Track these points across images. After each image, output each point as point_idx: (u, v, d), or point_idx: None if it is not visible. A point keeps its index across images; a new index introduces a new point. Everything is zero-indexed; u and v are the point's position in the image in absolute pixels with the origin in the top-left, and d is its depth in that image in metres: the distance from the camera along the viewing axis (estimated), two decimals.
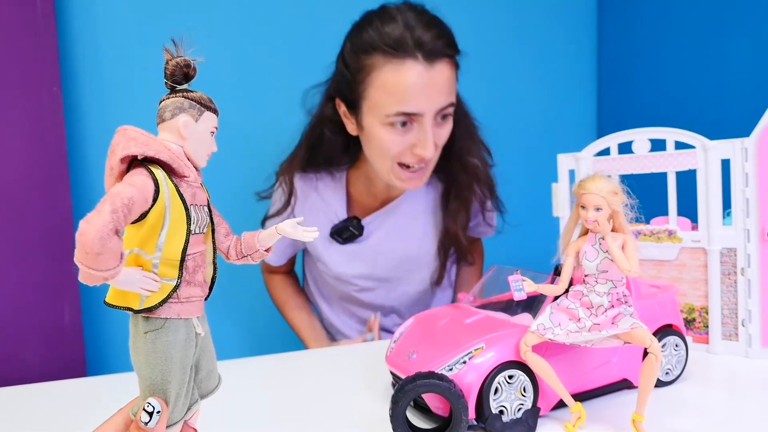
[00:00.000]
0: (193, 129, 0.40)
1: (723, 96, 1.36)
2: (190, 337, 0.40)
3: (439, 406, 0.63)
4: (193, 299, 0.40)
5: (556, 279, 0.66)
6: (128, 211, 0.35)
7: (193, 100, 0.41)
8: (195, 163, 0.41)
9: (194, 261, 0.41)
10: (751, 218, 0.85)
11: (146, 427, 0.38)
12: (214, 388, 0.45)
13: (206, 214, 0.42)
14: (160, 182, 0.38)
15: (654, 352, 0.57)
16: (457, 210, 1.18)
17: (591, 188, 0.59)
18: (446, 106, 1.05)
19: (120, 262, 0.35)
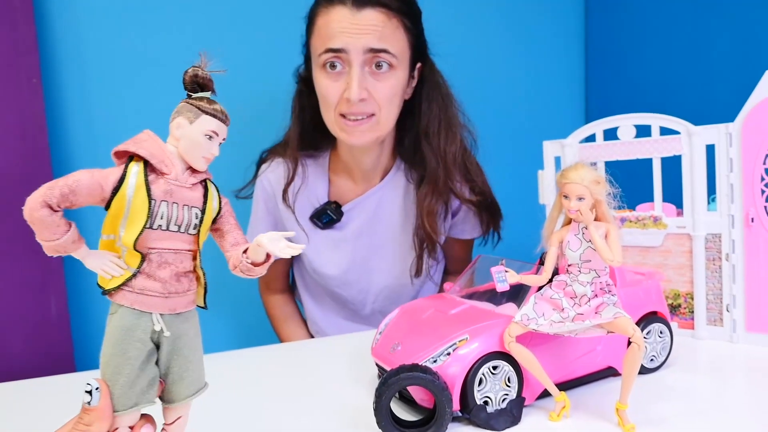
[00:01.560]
0: (186, 130, 0.42)
1: (708, 81, 1.36)
2: (141, 329, 0.41)
3: (424, 398, 0.63)
4: (148, 292, 0.41)
5: (541, 269, 0.65)
6: (69, 190, 0.38)
7: (192, 104, 0.43)
8: (191, 165, 0.43)
9: (161, 256, 0.42)
10: (735, 204, 0.85)
11: (90, 406, 0.40)
12: (186, 396, 0.44)
13: (192, 214, 0.43)
14: (129, 175, 0.40)
15: (636, 341, 0.57)
16: (424, 195, 1.15)
17: (573, 177, 0.59)
18: (378, 50, 1.04)
19: (61, 235, 0.39)
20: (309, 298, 1.30)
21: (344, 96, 1.05)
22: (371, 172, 1.20)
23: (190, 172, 0.43)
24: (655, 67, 1.52)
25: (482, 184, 1.20)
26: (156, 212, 0.41)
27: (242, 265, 0.44)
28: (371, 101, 1.06)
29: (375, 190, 1.20)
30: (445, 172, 1.14)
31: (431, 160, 1.14)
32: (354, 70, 1.04)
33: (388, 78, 1.07)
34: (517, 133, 1.68)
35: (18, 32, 1.16)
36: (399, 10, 1.07)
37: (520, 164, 1.44)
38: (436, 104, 1.16)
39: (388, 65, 1.06)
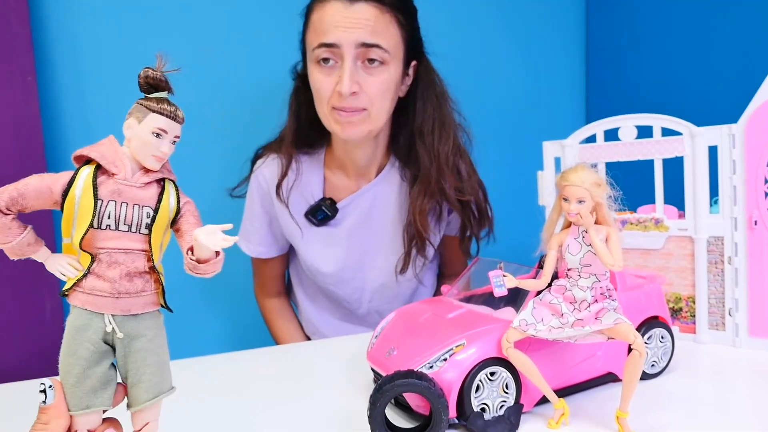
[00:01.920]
0: (135, 130, 0.43)
1: (711, 82, 1.35)
2: (91, 329, 0.41)
3: (419, 404, 0.62)
4: (97, 293, 0.41)
5: (540, 272, 0.64)
6: (18, 194, 0.40)
7: (142, 104, 0.43)
8: (142, 164, 0.43)
9: (110, 256, 0.42)
10: (738, 206, 0.83)
11: (45, 405, 0.40)
12: (145, 401, 0.43)
13: (143, 214, 0.43)
14: (78, 178, 0.41)
15: (638, 348, 0.56)
16: (417, 195, 1.14)
17: (573, 180, 0.58)
18: (370, 45, 1.04)
19: (15, 237, 0.40)
20: (305, 298, 1.29)
21: (336, 89, 1.05)
22: (366, 168, 1.20)
23: (143, 171, 0.43)
24: (655, 68, 1.51)
25: (471, 187, 1.18)
26: (102, 212, 0.41)
27: (187, 263, 0.43)
28: (363, 95, 1.06)
29: (369, 187, 1.19)
30: (438, 171, 1.13)
31: (425, 159, 1.14)
32: (346, 64, 1.04)
33: (380, 73, 1.07)
34: (516, 134, 1.66)
35: (13, 31, 1.15)
36: (392, 6, 1.07)
37: (519, 165, 1.42)
38: (430, 103, 1.15)
39: (379, 60, 1.06)
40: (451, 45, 1.14)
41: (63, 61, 1.26)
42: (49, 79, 1.25)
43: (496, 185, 1.25)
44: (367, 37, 1.04)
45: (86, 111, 1.29)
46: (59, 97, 1.27)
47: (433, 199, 1.14)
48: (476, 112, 1.24)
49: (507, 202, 1.31)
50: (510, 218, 1.30)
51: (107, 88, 1.30)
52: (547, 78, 1.74)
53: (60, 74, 1.26)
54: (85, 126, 1.29)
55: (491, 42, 1.66)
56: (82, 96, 1.29)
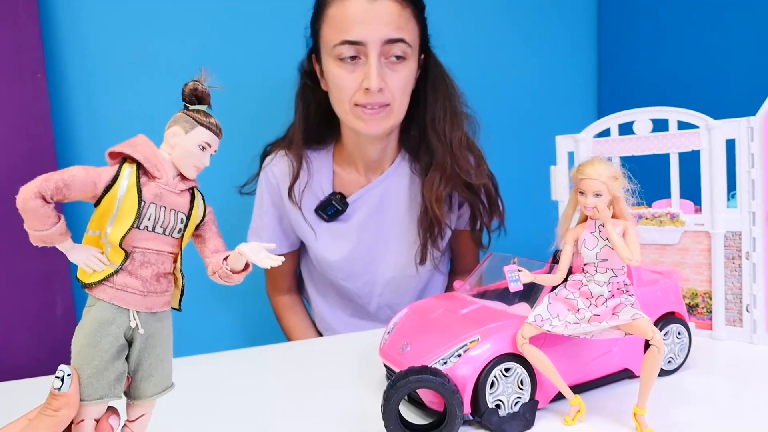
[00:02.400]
0: (181, 139, 0.44)
1: (728, 73, 1.32)
2: (116, 324, 0.42)
3: (433, 400, 0.61)
4: (128, 289, 0.42)
5: (554, 267, 0.63)
6: (63, 184, 0.40)
7: (190, 115, 0.44)
8: (181, 171, 0.45)
9: (144, 256, 0.43)
10: (756, 200, 0.82)
11: (59, 392, 0.41)
12: (153, 394, 0.45)
13: (178, 219, 0.44)
14: (122, 176, 0.42)
15: (656, 344, 0.55)
16: (432, 182, 1.14)
17: (590, 173, 0.57)
18: (395, 40, 1.04)
19: (50, 227, 0.40)
20: (316, 294, 1.29)
21: (363, 86, 1.05)
22: (377, 162, 1.19)
23: (180, 178, 0.45)
24: (669, 60, 1.49)
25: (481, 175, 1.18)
26: (144, 213, 0.42)
27: (221, 272, 0.46)
28: (387, 91, 1.06)
29: (380, 181, 1.19)
30: (452, 157, 1.14)
31: (438, 147, 1.14)
32: (372, 61, 1.03)
33: (403, 68, 1.08)
34: (527, 128, 1.65)
35: (22, 28, 1.15)
36: (411, 1, 1.07)
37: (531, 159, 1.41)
38: (441, 94, 1.15)
39: (402, 55, 1.06)
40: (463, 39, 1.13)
41: (72, 58, 1.27)
42: (59, 76, 1.25)
43: (508, 180, 1.24)
44: (393, 33, 1.04)
45: (95, 108, 1.29)
46: (69, 94, 1.27)
47: (449, 185, 1.14)
48: (487, 106, 1.23)
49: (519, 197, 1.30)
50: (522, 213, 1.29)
51: (116, 85, 1.30)
52: (559, 72, 1.72)
53: (69, 71, 1.27)
54: (95, 123, 1.29)
55: (503, 36, 1.64)
56: (91, 93, 1.29)
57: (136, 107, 1.31)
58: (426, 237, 1.16)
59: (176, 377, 0.47)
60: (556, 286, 0.61)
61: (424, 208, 1.16)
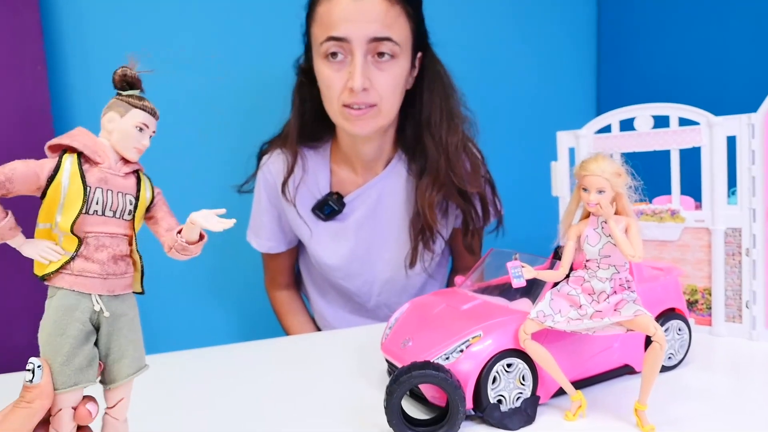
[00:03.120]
0: (117, 123, 0.45)
1: (729, 70, 1.32)
2: (79, 309, 0.43)
3: (435, 395, 0.61)
4: (87, 274, 0.43)
5: (556, 263, 0.63)
6: (5, 178, 0.41)
7: (123, 99, 0.46)
8: (124, 155, 0.46)
9: (97, 240, 0.44)
10: (757, 197, 0.82)
11: (31, 384, 0.41)
12: (127, 375, 0.46)
13: (126, 201, 0.45)
14: (63, 165, 0.43)
15: (658, 341, 0.55)
16: (426, 185, 1.13)
17: (593, 170, 0.57)
18: (381, 39, 1.02)
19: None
20: (315, 292, 1.28)
21: (347, 86, 1.04)
22: (373, 162, 1.18)
23: (122, 162, 0.46)
24: (669, 56, 1.49)
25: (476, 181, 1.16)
26: (91, 198, 0.43)
27: (177, 245, 0.46)
28: (373, 91, 1.05)
29: (377, 180, 1.18)
30: (447, 163, 1.12)
31: (432, 151, 1.12)
32: (357, 60, 1.02)
33: (391, 67, 1.06)
34: (526, 125, 1.65)
35: (22, 19, 1.14)
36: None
37: (529, 156, 1.41)
38: (437, 95, 1.13)
39: (390, 54, 1.04)
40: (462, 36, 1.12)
41: (73, 50, 1.26)
42: (59, 68, 1.25)
43: (509, 176, 1.24)
44: (379, 30, 1.02)
45: (95, 100, 1.26)
46: (69, 86, 1.26)
47: (442, 191, 1.13)
48: (488, 102, 1.23)
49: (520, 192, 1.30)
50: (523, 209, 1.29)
51: None
52: (558, 68, 1.72)
53: (70, 63, 1.26)
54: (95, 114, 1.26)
55: (503, 32, 1.64)
56: (91, 85, 1.28)
57: None
58: (417, 240, 1.15)
59: (173, 371, 0.47)
60: (558, 282, 0.62)
61: (416, 212, 1.15)
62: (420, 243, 1.16)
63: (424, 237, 1.15)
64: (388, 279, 1.21)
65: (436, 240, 1.17)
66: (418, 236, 1.15)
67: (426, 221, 1.13)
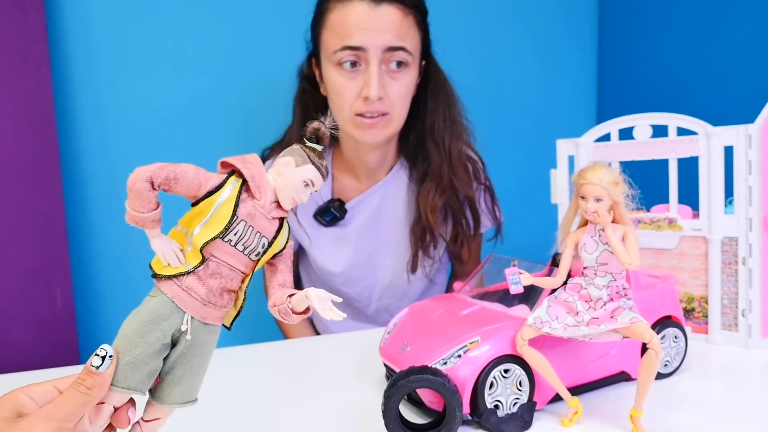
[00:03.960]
0: (290, 169, 0.46)
1: (727, 81, 1.33)
2: (168, 321, 0.43)
3: (433, 400, 0.62)
4: (192, 293, 0.43)
5: (554, 270, 0.64)
6: (174, 176, 0.41)
7: (304, 151, 0.46)
8: (279, 200, 0.46)
9: (218, 267, 0.44)
10: (753, 207, 0.83)
11: (97, 371, 0.41)
12: (176, 402, 0.45)
13: (261, 244, 0.45)
14: (226, 185, 0.44)
15: (654, 348, 0.56)
16: (428, 190, 1.13)
17: (591, 178, 0.58)
18: (396, 48, 1.03)
19: (148, 211, 0.41)
20: None
21: (362, 94, 1.04)
22: (376, 169, 1.19)
23: (275, 205, 0.46)
24: (669, 66, 1.50)
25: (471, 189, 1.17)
26: (233, 227, 0.43)
27: (282, 307, 0.45)
28: (387, 100, 1.05)
29: (378, 187, 1.19)
30: (450, 168, 1.13)
31: (435, 157, 1.13)
32: (372, 69, 1.02)
33: (403, 76, 1.07)
34: (528, 132, 1.66)
35: (27, 21, 1.15)
36: (413, 7, 1.06)
37: (530, 163, 1.42)
38: (442, 102, 1.14)
39: (404, 63, 1.05)
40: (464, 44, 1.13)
41: (77, 52, 1.27)
42: (63, 69, 1.26)
43: (509, 183, 1.25)
44: (394, 40, 1.02)
45: (99, 101, 1.30)
46: (73, 88, 1.27)
47: (444, 195, 1.14)
48: (489, 110, 1.24)
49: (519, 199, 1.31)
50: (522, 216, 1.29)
51: (120, 80, 1.30)
52: (559, 76, 1.73)
53: (74, 65, 1.27)
54: (98, 116, 1.30)
55: (504, 41, 1.65)
56: (95, 87, 1.29)
57: (139, 101, 1.31)
58: (417, 246, 1.16)
59: None
60: (555, 288, 0.62)
61: (417, 217, 1.16)
62: (421, 248, 1.16)
63: (425, 242, 1.16)
64: (388, 285, 1.22)
65: (438, 244, 1.18)
66: (419, 241, 1.16)
67: (428, 225, 1.14)
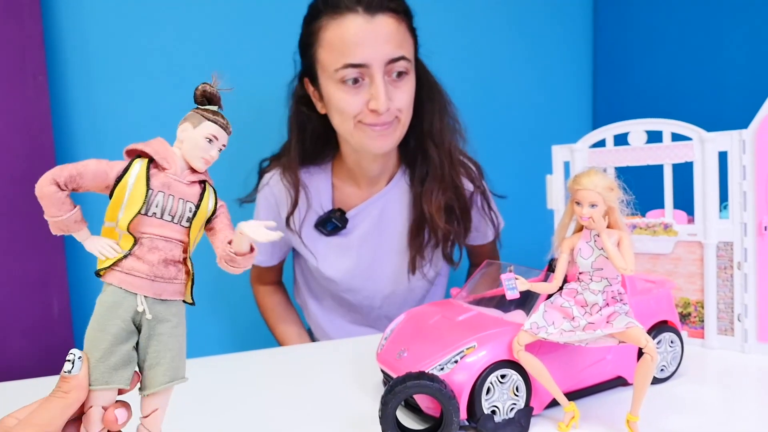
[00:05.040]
0: (189, 133, 0.46)
1: (721, 87, 1.35)
2: (122, 307, 0.43)
3: (430, 406, 0.62)
4: (135, 273, 0.44)
5: (550, 275, 0.64)
6: (77, 172, 0.42)
7: (198, 112, 0.47)
8: (191, 164, 0.47)
9: (152, 242, 0.44)
10: (748, 212, 0.83)
11: (69, 375, 0.42)
12: (160, 384, 0.45)
13: (186, 207, 0.46)
14: (132, 167, 0.44)
15: (649, 352, 0.56)
16: (431, 190, 1.13)
17: (586, 184, 0.58)
18: (397, 59, 1.03)
19: (65, 213, 0.42)
20: (314, 302, 1.28)
21: (369, 107, 1.03)
22: (377, 177, 1.19)
23: (189, 171, 0.47)
24: (664, 72, 1.51)
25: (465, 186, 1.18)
26: (152, 200, 0.44)
27: (225, 254, 0.46)
28: (393, 110, 1.05)
29: (379, 196, 1.18)
30: (450, 165, 1.13)
31: (435, 157, 1.13)
32: (378, 82, 1.01)
33: (405, 84, 1.06)
34: (523, 138, 1.66)
35: (24, 29, 1.16)
36: (405, 14, 1.06)
37: (527, 169, 1.42)
38: (437, 103, 1.15)
39: (404, 71, 1.05)
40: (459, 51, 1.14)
41: (73, 60, 1.27)
42: (60, 78, 1.26)
43: (506, 189, 1.25)
44: (394, 51, 1.02)
45: (95, 109, 1.30)
46: (69, 96, 1.28)
47: (447, 193, 1.14)
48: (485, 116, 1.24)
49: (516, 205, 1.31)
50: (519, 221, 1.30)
51: (116, 88, 1.31)
52: (555, 82, 1.74)
53: (70, 73, 1.27)
54: (94, 124, 1.30)
55: (499, 47, 1.66)
56: (91, 95, 1.29)
57: (135, 109, 1.32)
58: (417, 246, 1.16)
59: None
60: (551, 294, 0.63)
61: (418, 217, 1.15)
62: (420, 248, 1.16)
63: (424, 242, 1.15)
64: (390, 293, 1.22)
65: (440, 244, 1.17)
66: (419, 241, 1.16)
67: (433, 225, 1.14)
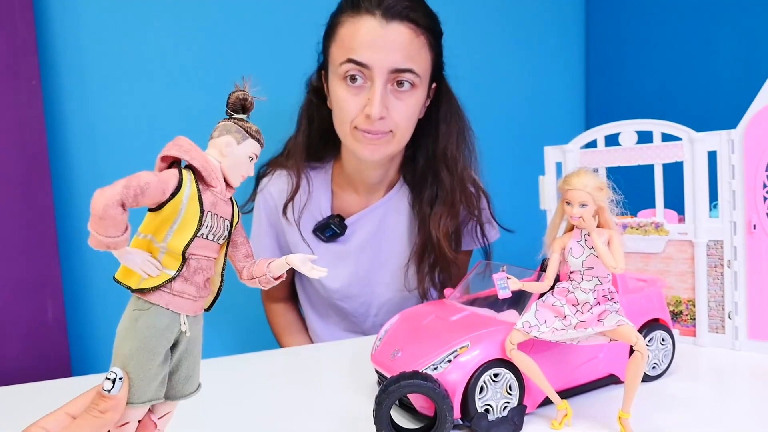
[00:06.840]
0: (233, 149, 0.45)
1: (710, 88, 1.36)
2: (170, 329, 0.42)
3: (424, 405, 0.62)
4: (185, 296, 0.43)
5: (542, 275, 0.65)
6: (140, 191, 0.39)
7: (241, 126, 0.46)
8: (228, 180, 0.46)
9: (198, 262, 0.44)
10: (737, 210, 0.84)
11: (109, 394, 0.40)
12: (189, 393, 0.46)
13: (225, 227, 0.45)
14: (185, 183, 0.42)
15: (640, 350, 0.57)
16: (439, 215, 1.12)
17: (576, 184, 0.59)
18: (403, 70, 1.01)
19: (122, 233, 0.39)
20: (311, 311, 1.28)
21: (364, 112, 1.02)
22: (376, 185, 1.18)
23: (225, 186, 0.46)
24: (655, 73, 1.52)
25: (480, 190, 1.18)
26: (203, 221, 0.43)
27: (264, 278, 0.47)
28: (389, 119, 1.03)
29: (379, 204, 1.18)
30: (462, 192, 1.13)
31: (447, 181, 1.12)
32: (376, 88, 1.01)
33: (409, 97, 1.05)
34: (516, 138, 1.67)
35: (17, 34, 1.16)
36: (426, 28, 1.04)
37: (520, 169, 1.43)
38: (454, 127, 1.13)
39: (410, 84, 1.04)
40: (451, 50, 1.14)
41: (67, 65, 1.27)
42: (53, 82, 1.26)
43: (498, 190, 1.25)
44: (401, 62, 1.01)
45: (89, 114, 1.30)
46: (63, 101, 1.27)
47: (455, 220, 1.13)
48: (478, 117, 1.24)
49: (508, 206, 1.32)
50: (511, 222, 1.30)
51: (110, 92, 1.30)
52: (547, 83, 1.75)
53: (64, 78, 1.27)
54: (88, 129, 1.30)
55: (491, 47, 1.67)
56: (85, 100, 1.29)
57: (130, 114, 1.32)
58: (426, 270, 1.15)
59: None
60: (543, 293, 0.63)
61: (424, 240, 1.14)
62: (428, 272, 1.15)
63: (440, 266, 1.15)
64: (386, 301, 1.21)
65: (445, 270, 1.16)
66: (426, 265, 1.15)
67: (440, 251, 1.13)
